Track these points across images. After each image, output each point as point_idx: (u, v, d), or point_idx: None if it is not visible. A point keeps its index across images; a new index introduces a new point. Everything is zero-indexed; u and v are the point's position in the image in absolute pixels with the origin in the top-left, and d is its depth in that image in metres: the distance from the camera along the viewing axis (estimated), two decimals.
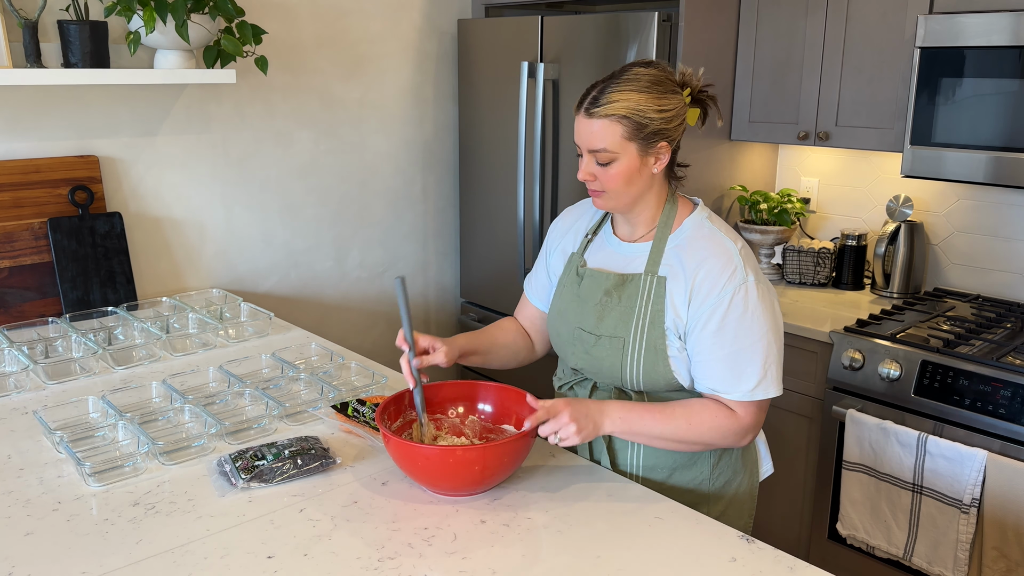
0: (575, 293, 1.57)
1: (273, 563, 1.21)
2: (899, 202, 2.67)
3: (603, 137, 1.41)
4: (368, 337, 3.22)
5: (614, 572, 1.19)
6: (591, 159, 1.44)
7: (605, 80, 1.44)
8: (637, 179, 1.45)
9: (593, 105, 1.41)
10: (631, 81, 1.41)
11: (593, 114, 1.41)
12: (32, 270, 2.29)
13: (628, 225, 1.55)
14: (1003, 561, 2.00)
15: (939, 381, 2.12)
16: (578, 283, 1.57)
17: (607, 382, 1.54)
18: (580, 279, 1.57)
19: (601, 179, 1.45)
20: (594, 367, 1.53)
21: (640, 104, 1.40)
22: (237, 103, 2.69)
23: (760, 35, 2.72)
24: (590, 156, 1.44)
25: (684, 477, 1.55)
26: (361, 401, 1.68)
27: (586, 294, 1.55)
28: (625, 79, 1.42)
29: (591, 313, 1.53)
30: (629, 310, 1.49)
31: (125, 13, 2.17)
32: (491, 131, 3.10)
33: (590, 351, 1.53)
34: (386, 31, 3.02)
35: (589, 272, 1.56)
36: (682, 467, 1.55)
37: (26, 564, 1.20)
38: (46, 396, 1.81)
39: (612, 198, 1.47)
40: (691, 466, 1.55)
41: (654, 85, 1.42)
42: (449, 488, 1.38)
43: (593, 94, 1.43)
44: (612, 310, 1.51)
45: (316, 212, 2.97)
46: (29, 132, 2.30)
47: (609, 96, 1.41)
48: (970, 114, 2.22)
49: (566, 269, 1.62)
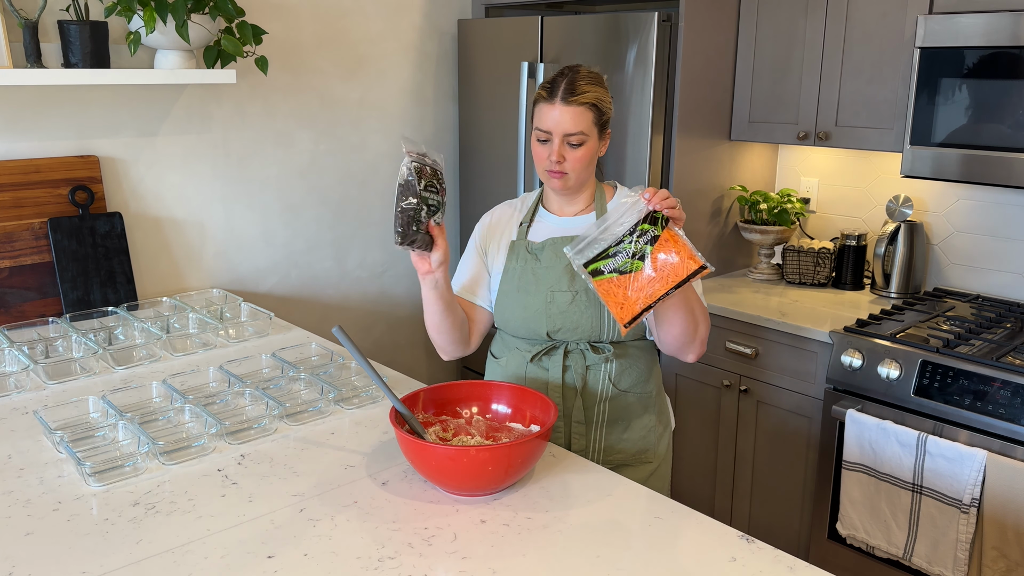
0: (533, 268, 1.72)
1: (273, 563, 1.21)
2: (899, 202, 2.67)
3: (579, 122, 1.62)
4: (368, 337, 3.22)
5: (614, 572, 1.19)
6: (562, 142, 1.63)
7: (565, 75, 1.64)
8: (593, 160, 1.68)
9: (571, 94, 1.61)
10: (591, 77, 1.64)
11: (571, 102, 1.61)
12: (32, 270, 2.29)
13: (570, 204, 1.76)
14: (1003, 561, 2.00)
15: (939, 381, 2.12)
16: (534, 258, 1.73)
17: (583, 336, 1.70)
18: (535, 254, 1.73)
19: (569, 160, 1.64)
20: (572, 323, 1.69)
21: (601, 97, 1.65)
22: (237, 103, 2.69)
23: (760, 35, 2.72)
24: (561, 140, 1.63)
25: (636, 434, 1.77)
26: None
27: (550, 261, 1.71)
28: (585, 75, 1.64)
29: (563, 275, 1.69)
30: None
31: (125, 13, 2.17)
32: (491, 131, 3.10)
33: (567, 309, 1.69)
34: (386, 31, 3.02)
35: (548, 243, 1.72)
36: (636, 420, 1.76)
37: (26, 564, 1.20)
38: (46, 396, 1.82)
39: (572, 178, 1.67)
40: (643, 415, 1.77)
41: (604, 83, 1.67)
42: (466, 488, 1.37)
43: (564, 85, 1.62)
44: None
45: (316, 212, 2.97)
46: (29, 132, 2.31)
47: (581, 87, 1.62)
48: (970, 114, 2.22)
49: (511, 256, 1.75)
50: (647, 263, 1.43)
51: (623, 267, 1.44)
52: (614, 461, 1.77)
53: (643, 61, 2.56)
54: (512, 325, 1.75)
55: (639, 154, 2.63)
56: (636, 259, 1.43)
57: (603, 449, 1.76)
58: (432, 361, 3.48)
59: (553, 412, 1.44)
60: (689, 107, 2.66)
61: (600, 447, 1.76)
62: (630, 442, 1.77)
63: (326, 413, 1.73)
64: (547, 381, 1.73)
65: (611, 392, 1.73)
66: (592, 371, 1.72)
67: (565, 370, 1.72)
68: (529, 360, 1.74)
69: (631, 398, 1.75)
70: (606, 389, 1.73)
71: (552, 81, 1.64)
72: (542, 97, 1.65)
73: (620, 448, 1.77)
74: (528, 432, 1.50)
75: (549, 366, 1.73)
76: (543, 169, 1.67)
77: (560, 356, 1.72)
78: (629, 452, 1.77)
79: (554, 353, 1.73)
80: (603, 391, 1.73)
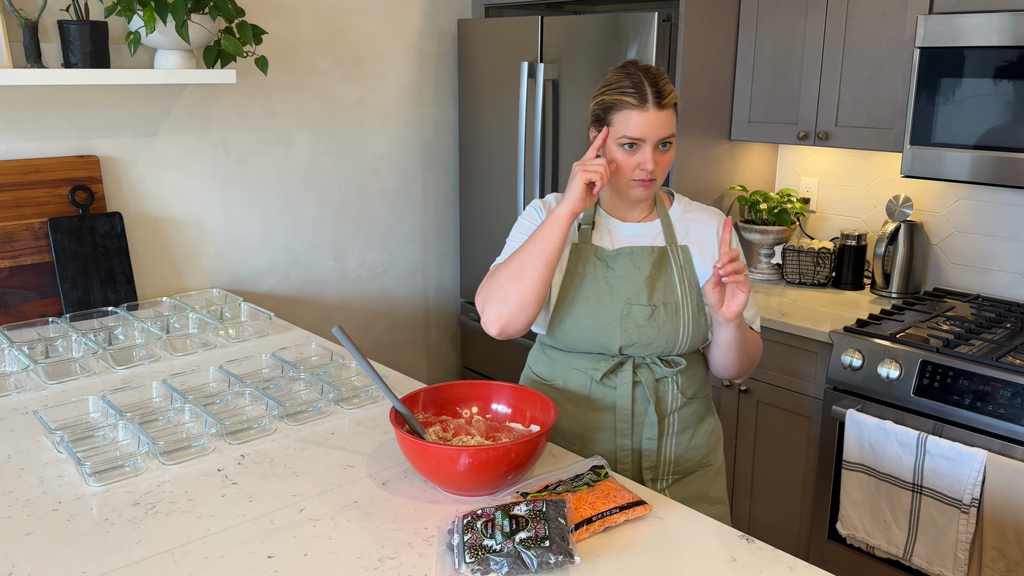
0: (605, 276, 1.60)
1: (273, 563, 1.21)
2: (899, 202, 2.67)
3: (671, 124, 1.55)
4: (368, 337, 3.22)
5: (613, 572, 1.19)
6: (653, 149, 1.53)
7: (646, 77, 1.53)
8: None
9: (661, 97, 1.52)
10: (664, 74, 1.56)
11: (664, 105, 1.52)
12: (32, 270, 2.29)
13: (632, 210, 1.66)
14: (1003, 561, 2.00)
15: (939, 381, 2.12)
16: (605, 266, 1.61)
17: (657, 352, 1.61)
18: (606, 261, 1.61)
19: (659, 165, 1.55)
20: (648, 338, 1.59)
21: (676, 96, 1.56)
22: (237, 103, 2.69)
23: (760, 35, 2.72)
24: (653, 146, 1.53)
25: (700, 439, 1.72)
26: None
27: (626, 271, 1.60)
28: (661, 73, 1.55)
29: (642, 287, 1.59)
30: (671, 278, 1.62)
31: (125, 13, 2.17)
32: (491, 131, 3.10)
33: (644, 324, 1.59)
34: (386, 31, 3.02)
35: (625, 251, 1.61)
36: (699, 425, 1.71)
37: (26, 564, 1.20)
38: (46, 396, 1.82)
39: (658, 183, 1.58)
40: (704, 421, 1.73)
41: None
42: (466, 488, 1.37)
43: (654, 89, 1.52)
44: (660, 280, 1.61)
45: (316, 212, 2.97)
46: (29, 132, 2.31)
47: (666, 88, 1.54)
48: (970, 114, 2.22)
49: (576, 259, 1.62)
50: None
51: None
52: (683, 471, 1.70)
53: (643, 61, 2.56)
54: (574, 336, 1.62)
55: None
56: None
57: (673, 460, 1.68)
58: (432, 361, 3.48)
59: (553, 412, 1.44)
60: (689, 107, 2.66)
61: (670, 459, 1.67)
62: (696, 449, 1.70)
63: (326, 413, 1.73)
64: (615, 402, 1.63)
65: (680, 402, 1.65)
66: (662, 384, 1.64)
67: (635, 386, 1.62)
68: (599, 379, 1.62)
69: (696, 404, 1.69)
70: (675, 400, 1.65)
71: (633, 85, 1.52)
72: (628, 104, 1.51)
73: (688, 457, 1.69)
74: (528, 432, 1.50)
75: (617, 384, 1.62)
76: (629, 179, 1.55)
77: (628, 372, 1.61)
78: (696, 459, 1.71)
79: (621, 370, 1.62)
80: (672, 402, 1.65)
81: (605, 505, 1.31)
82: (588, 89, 2.71)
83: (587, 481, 1.38)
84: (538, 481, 1.41)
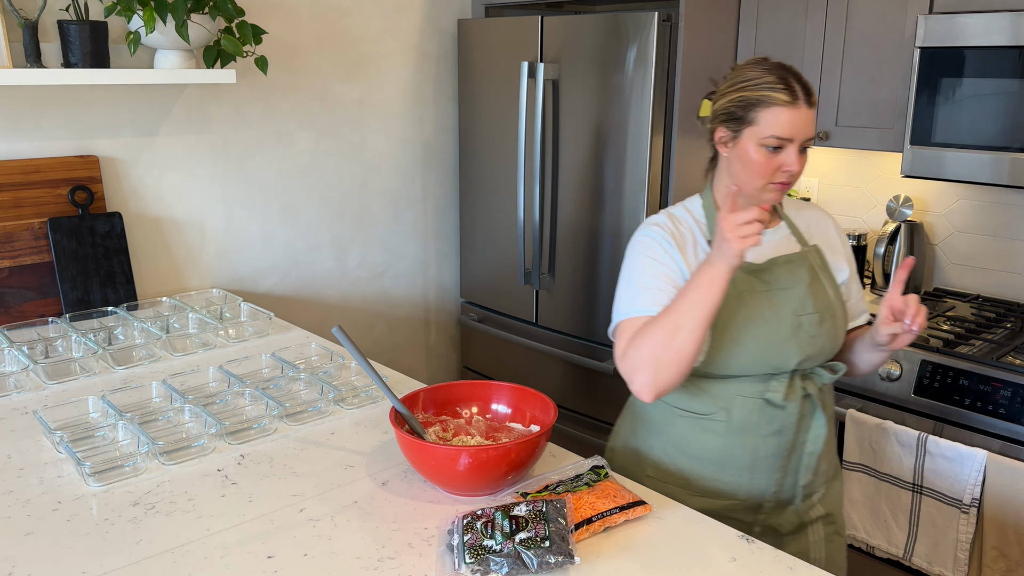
0: (763, 290, 1.51)
1: (273, 563, 1.21)
2: (899, 202, 2.67)
3: (815, 123, 1.49)
4: (368, 337, 3.22)
5: (613, 572, 1.19)
6: (796, 150, 1.46)
7: (788, 69, 1.46)
8: None
9: (810, 94, 1.45)
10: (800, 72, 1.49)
11: (813, 103, 1.46)
12: (32, 270, 2.29)
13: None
14: (1003, 561, 2.00)
15: (939, 381, 2.12)
16: (758, 280, 1.51)
17: (822, 359, 1.54)
18: (757, 275, 1.51)
19: (799, 167, 1.47)
20: (818, 348, 1.51)
21: None
22: (237, 103, 2.69)
23: (760, 35, 2.72)
24: (796, 147, 1.45)
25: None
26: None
27: (785, 282, 1.52)
28: (797, 70, 1.47)
29: (807, 295, 1.52)
30: (819, 283, 1.56)
31: (125, 13, 2.17)
32: (491, 131, 3.10)
33: (817, 332, 1.51)
34: (386, 31, 3.02)
35: (781, 261, 1.53)
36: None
37: (26, 564, 1.20)
38: (46, 396, 1.82)
39: (792, 185, 1.51)
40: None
41: None
42: (466, 488, 1.37)
43: (801, 85, 1.45)
44: (816, 287, 1.55)
45: (316, 212, 2.97)
46: (29, 132, 2.30)
47: (810, 85, 1.46)
48: (970, 114, 2.22)
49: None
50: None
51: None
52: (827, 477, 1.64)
53: (643, 61, 2.56)
54: (743, 361, 1.48)
55: (639, 154, 2.62)
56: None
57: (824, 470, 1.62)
58: (432, 361, 3.48)
59: (553, 412, 1.44)
60: (689, 107, 2.66)
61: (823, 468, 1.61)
62: (829, 456, 1.64)
63: (326, 413, 1.73)
64: (784, 421, 1.52)
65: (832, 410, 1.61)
66: (825, 392, 1.57)
67: (805, 400, 1.53)
68: (780, 400, 1.50)
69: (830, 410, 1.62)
70: (831, 406, 1.60)
71: (782, 80, 1.43)
72: (779, 100, 1.42)
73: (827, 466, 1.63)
74: (528, 432, 1.50)
75: (786, 403, 1.51)
76: (766, 181, 1.46)
77: (798, 387, 1.52)
78: (834, 464, 1.66)
79: (777, 381, 1.51)
80: (830, 408, 1.59)
81: (605, 505, 1.31)
82: (588, 89, 2.71)
83: (587, 481, 1.38)
84: (538, 481, 1.41)
